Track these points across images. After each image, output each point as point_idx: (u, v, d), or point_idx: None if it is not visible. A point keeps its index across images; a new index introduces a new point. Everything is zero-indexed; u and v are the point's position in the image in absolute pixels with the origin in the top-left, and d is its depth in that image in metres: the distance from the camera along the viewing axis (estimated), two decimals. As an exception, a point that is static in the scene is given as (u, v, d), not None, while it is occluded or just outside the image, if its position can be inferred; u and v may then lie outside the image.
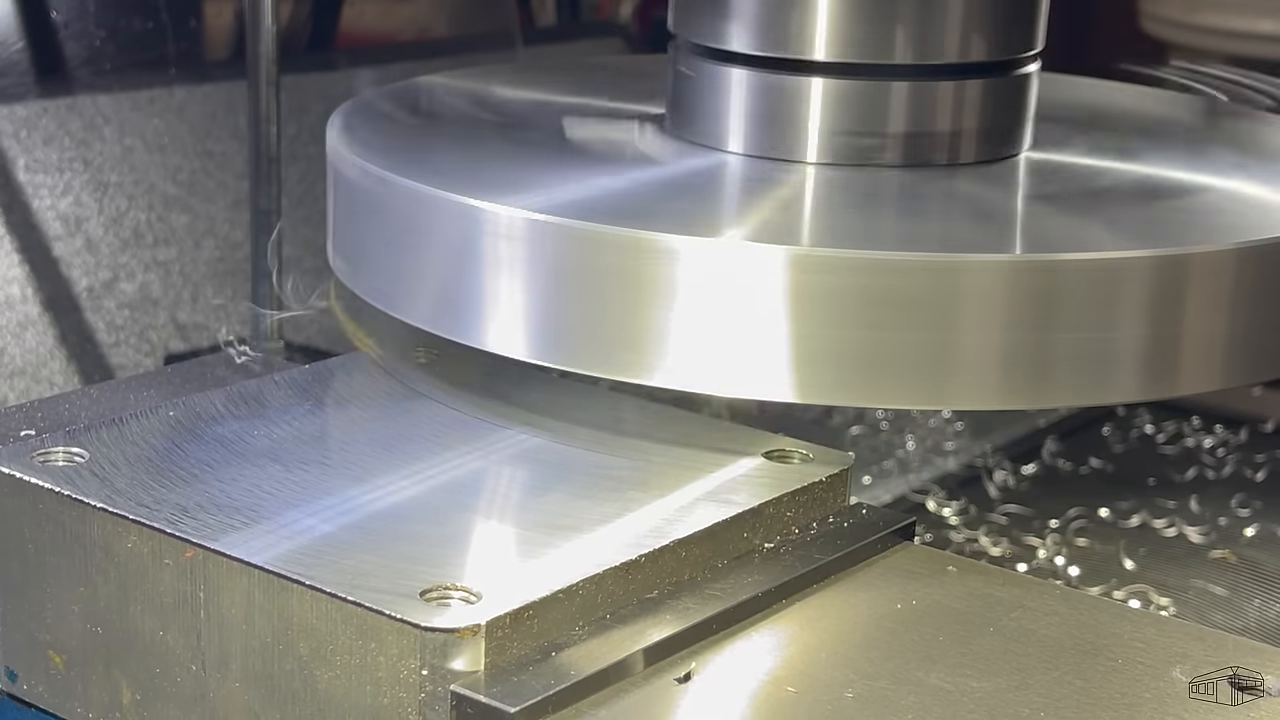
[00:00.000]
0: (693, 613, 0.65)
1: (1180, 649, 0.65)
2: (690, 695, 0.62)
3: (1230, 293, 0.73)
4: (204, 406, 0.76)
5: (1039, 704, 0.61)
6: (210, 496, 0.68)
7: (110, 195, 1.23)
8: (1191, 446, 1.23)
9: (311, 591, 0.62)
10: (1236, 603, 1.01)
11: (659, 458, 0.74)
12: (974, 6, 0.80)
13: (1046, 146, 0.85)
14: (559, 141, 0.85)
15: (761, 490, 0.71)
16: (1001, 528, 1.10)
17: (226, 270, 1.27)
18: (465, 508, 0.69)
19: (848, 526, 0.72)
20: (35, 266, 1.19)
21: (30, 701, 0.71)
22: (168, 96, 1.27)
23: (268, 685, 0.64)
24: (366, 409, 0.78)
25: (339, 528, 0.66)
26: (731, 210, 0.80)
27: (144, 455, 0.71)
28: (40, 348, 1.18)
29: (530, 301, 0.73)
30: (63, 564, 0.68)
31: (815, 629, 0.67)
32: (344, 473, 0.71)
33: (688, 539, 0.67)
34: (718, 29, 0.81)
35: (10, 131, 1.20)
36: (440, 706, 0.60)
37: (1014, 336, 0.70)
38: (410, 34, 1.55)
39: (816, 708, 0.61)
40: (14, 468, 0.69)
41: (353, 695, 0.62)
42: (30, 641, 0.70)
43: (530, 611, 0.62)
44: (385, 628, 0.60)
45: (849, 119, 0.80)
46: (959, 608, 0.68)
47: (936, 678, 0.63)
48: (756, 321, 0.70)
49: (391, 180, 0.78)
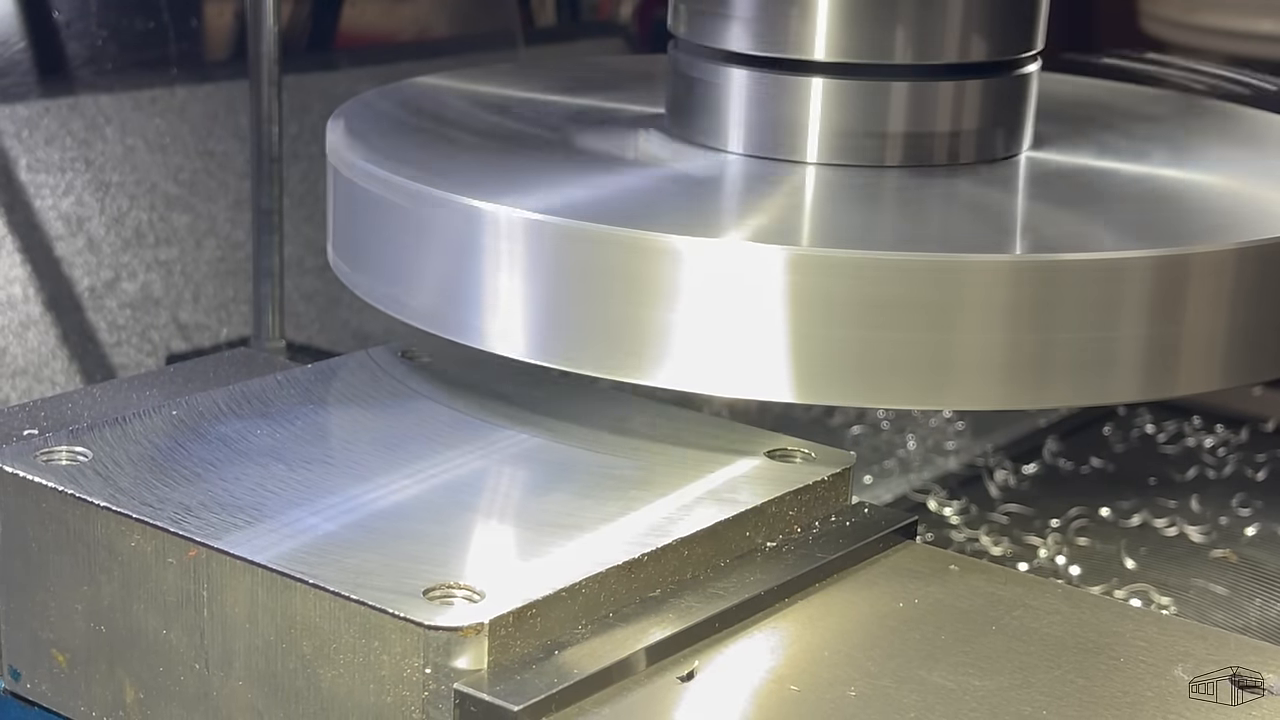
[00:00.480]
0: (695, 611, 0.65)
1: (1182, 647, 0.65)
2: (693, 693, 0.62)
3: (1230, 293, 0.73)
4: (206, 406, 0.76)
5: (1041, 702, 0.62)
6: (213, 495, 0.68)
7: (112, 195, 1.23)
8: (1192, 446, 1.23)
9: (315, 590, 0.62)
10: (1237, 602, 1.01)
11: (661, 457, 0.74)
12: (974, 6, 0.80)
13: (1046, 146, 0.86)
14: (559, 141, 0.85)
15: (764, 489, 0.71)
16: (1002, 527, 1.10)
17: (228, 270, 1.27)
18: (468, 507, 0.69)
19: (850, 525, 0.72)
20: (37, 266, 1.19)
21: (34, 700, 0.71)
22: (169, 96, 1.27)
23: (271, 684, 0.64)
24: (368, 408, 0.78)
25: (342, 527, 0.66)
26: (732, 210, 0.80)
27: (147, 454, 0.71)
28: (42, 347, 1.19)
29: (530, 302, 0.73)
30: (66, 563, 0.68)
31: (818, 628, 0.67)
32: (347, 472, 0.71)
33: (690, 538, 0.67)
34: (718, 29, 0.81)
35: (12, 131, 1.20)
36: (444, 705, 0.60)
37: (1014, 336, 0.70)
38: (412, 34, 1.55)
39: (819, 706, 0.61)
40: (17, 467, 0.69)
41: (356, 694, 0.62)
42: (34, 640, 0.70)
43: (533, 610, 0.62)
44: (389, 626, 0.60)
45: (849, 119, 0.80)
46: (961, 606, 0.68)
47: (939, 676, 0.63)
48: (756, 321, 0.70)
49: (391, 180, 0.78)
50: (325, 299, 1.28)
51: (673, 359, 0.71)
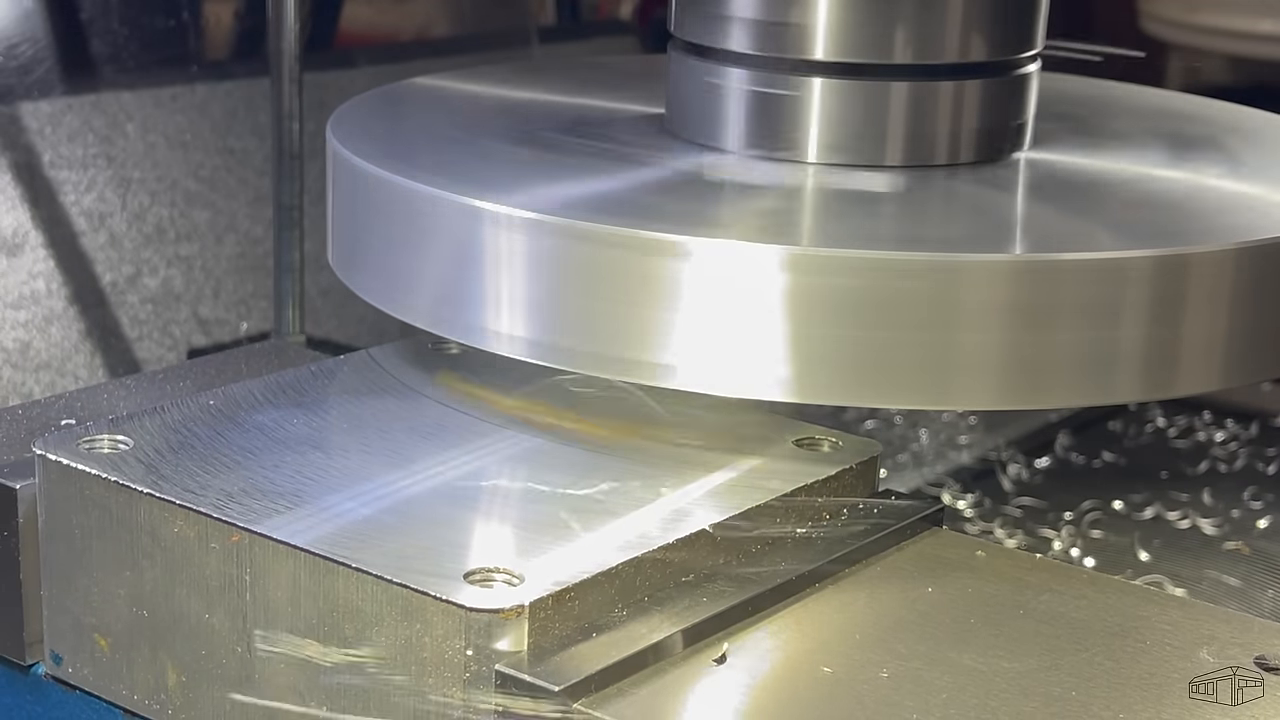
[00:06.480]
0: (728, 596, 0.66)
1: (1207, 631, 0.66)
2: (727, 675, 0.63)
3: (1230, 293, 0.73)
4: (243, 395, 0.77)
5: (1070, 684, 0.63)
6: (253, 482, 0.69)
7: (133, 191, 1.25)
8: (1203, 440, 1.24)
9: (357, 573, 0.63)
10: (1250, 593, 1.03)
11: (691, 445, 0.75)
12: (974, 6, 0.80)
13: (1047, 146, 0.85)
14: (559, 141, 0.85)
15: (794, 477, 0.72)
16: (1016, 520, 1.11)
17: (248, 265, 1.28)
18: (504, 493, 0.70)
19: (878, 512, 0.73)
20: (60, 262, 1.20)
21: (76, 684, 0.72)
22: (189, 93, 1.28)
23: (313, 666, 0.65)
24: (403, 397, 0.79)
25: (381, 512, 0.67)
26: (732, 210, 0.80)
27: (186, 442, 0.72)
28: (65, 342, 1.20)
29: (530, 301, 0.73)
30: (109, 548, 0.69)
31: (848, 612, 0.68)
32: (384, 459, 0.72)
33: (722, 524, 0.68)
34: (717, 29, 0.81)
35: (35, 128, 1.21)
36: (485, 686, 0.61)
37: (1014, 336, 0.70)
38: (428, 32, 1.56)
39: (853, 687, 0.62)
40: (61, 454, 0.70)
41: (397, 676, 0.63)
42: (76, 625, 0.71)
43: (571, 593, 0.63)
44: (430, 609, 0.61)
45: (849, 119, 0.80)
46: (989, 591, 0.69)
47: (969, 658, 0.64)
48: (756, 321, 0.70)
49: (391, 180, 0.78)
50: (343, 294, 1.29)
51: (672, 359, 0.71)
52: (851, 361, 0.70)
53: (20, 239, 1.19)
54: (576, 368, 0.74)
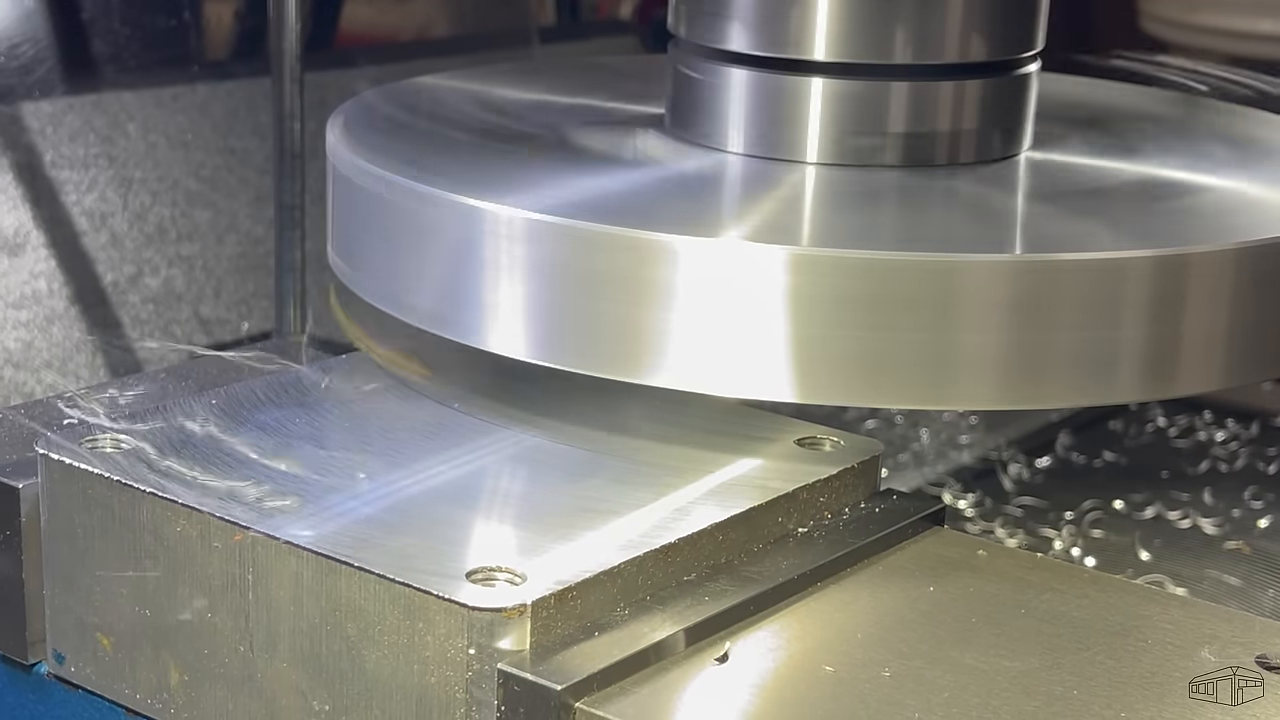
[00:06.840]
0: (730, 595, 0.66)
1: (1209, 630, 0.66)
2: (729, 674, 0.63)
3: (1230, 293, 0.73)
4: (245, 394, 0.77)
5: (1072, 683, 0.63)
6: (256, 481, 0.69)
7: (134, 191, 1.25)
8: (1204, 440, 1.24)
9: (360, 572, 0.63)
10: (1251, 593, 1.03)
11: (693, 445, 0.75)
12: (974, 6, 0.80)
13: (1046, 146, 0.85)
14: (559, 141, 0.85)
15: (795, 476, 0.72)
16: (1017, 520, 1.11)
17: (249, 265, 1.28)
18: (506, 492, 0.70)
19: (879, 511, 0.73)
20: (61, 262, 1.21)
21: (78, 684, 0.72)
22: (191, 93, 1.28)
23: (315, 665, 0.65)
24: (405, 397, 0.79)
25: (383, 511, 0.68)
26: (731, 210, 0.80)
27: (189, 441, 0.72)
28: (66, 341, 1.20)
29: (530, 301, 0.73)
30: (111, 548, 0.69)
31: (850, 611, 0.68)
32: (386, 458, 0.72)
33: (724, 523, 0.68)
34: (718, 29, 0.82)
35: (36, 128, 1.21)
36: (487, 685, 0.61)
37: (1014, 336, 0.70)
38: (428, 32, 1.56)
39: (855, 686, 0.62)
40: (63, 454, 0.71)
41: (400, 675, 0.63)
42: (78, 624, 0.71)
43: (574, 592, 0.63)
44: (433, 608, 0.62)
45: (849, 119, 0.80)
46: (991, 590, 0.69)
47: (971, 657, 0.64)
48: (756, 321, 0.70)
49: (391, 180, 0.78)
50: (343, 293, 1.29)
51: (672, 359, 0.71)
52: (852, 361, 0.70)
53: (22, 239, 1.20)
54: (577, 368, 0.74)
